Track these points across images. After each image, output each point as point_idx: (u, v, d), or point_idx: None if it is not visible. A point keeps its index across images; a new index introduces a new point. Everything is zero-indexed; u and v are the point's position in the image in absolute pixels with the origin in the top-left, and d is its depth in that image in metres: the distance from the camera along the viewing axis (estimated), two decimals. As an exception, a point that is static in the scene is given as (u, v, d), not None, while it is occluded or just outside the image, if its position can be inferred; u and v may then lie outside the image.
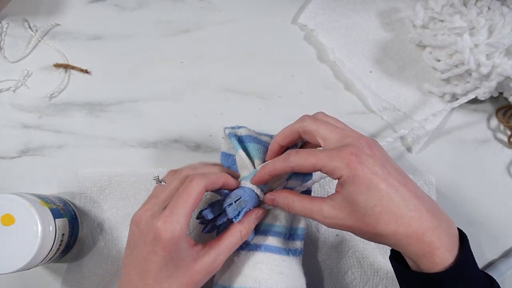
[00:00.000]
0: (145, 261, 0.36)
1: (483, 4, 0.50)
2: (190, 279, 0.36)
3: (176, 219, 0.35)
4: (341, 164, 0.35)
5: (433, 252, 0.35)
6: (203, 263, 0.37)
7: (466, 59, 0.47)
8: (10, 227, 0.41)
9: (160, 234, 0.35)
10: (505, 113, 0.53)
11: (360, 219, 0.35)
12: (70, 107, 0.52)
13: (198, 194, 0.37)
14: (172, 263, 0.36)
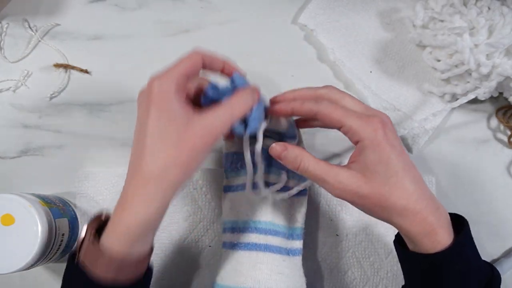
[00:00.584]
0: (141, 121, 0.35)
1: (483, 4, 0.50)
2: (182, 139, 0.34)
3: (167, 76, 0.35)
4: (368, 127, 0.36)
5: (435, 231, 0.36)
6: (197, 124, 0.34)
7: (466, 59, 0.47)
8: (10, 227, 0.42)
9: (151, 90, 0.34)
10: (505, 113, 0.53)
11: (376, 189, 0.36)
12: (70, 107, 0.52)
13: (194, 58, 0.36)
14: (163, 118, 0.34)
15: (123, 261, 0.34)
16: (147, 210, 0.34)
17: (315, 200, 0.51)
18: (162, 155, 0.34)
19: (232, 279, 0.42)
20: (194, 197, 0.51)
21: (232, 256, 0.44)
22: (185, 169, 0.34)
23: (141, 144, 0.34)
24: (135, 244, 0.35)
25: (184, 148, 0.34)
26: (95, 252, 0.34)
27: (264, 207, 0.43)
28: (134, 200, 0.34)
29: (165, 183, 0.34)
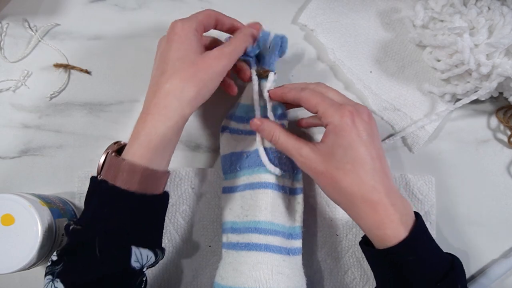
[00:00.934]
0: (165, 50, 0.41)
1: (483, 4, 0.50)
2: (199, 60, 0.40)
3: (188, 20, 0.42)
4: (336, 113, 0.39)
5: (385, 225, 0.38)
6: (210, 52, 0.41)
7: (466, 59, 0.47)
8: (10, 227, 0.42)
9: (174, 26, 0.41)
10: (505, 113, 0.53)
11: (330, 169, 0.39)
12: (70, 107, 0.52)
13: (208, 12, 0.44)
14: (183, 46, 0.40)
15: (143, 172, 0.38)
16: (167, 122, 0.38)
17: (315, 200, 0.51)
18: (180, 73, 0.39)
19: (232, 279, 0.42)
20: (193, 197, 0.51)
21: (232, 256, 0.44)
22: (201, 86, 0.40)
23: (162, 68, 0.40)
24: (155, 155, 0.38)
25: (200, 67, 0.40)
26: (117, 164, 0.38)
27: (263, 207, 0.43)
28: (155, 114, 0.38)
29: (183, 97, 0.39)
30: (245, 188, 0.45)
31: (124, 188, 0.37)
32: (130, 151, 0.38)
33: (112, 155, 0.39)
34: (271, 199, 0.44)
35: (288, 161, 0.47)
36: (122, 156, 0.38)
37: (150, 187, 0.39)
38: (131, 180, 0.37)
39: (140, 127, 0.39)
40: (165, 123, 0.38)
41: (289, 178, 0.46)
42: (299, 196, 0.46)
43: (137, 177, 0.37)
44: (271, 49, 0.47)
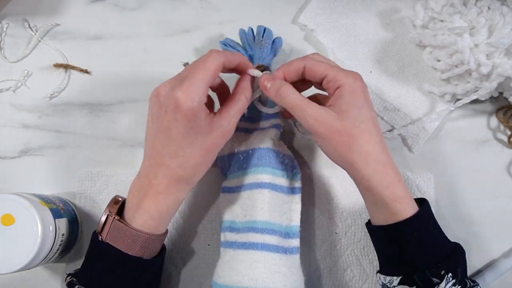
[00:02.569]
0: (167, 129, 0.38)
1: (483, 4, 0.50)
2: (210, 143, 0.39)
3: (194, 89, 0.37)
4: (349, 76, 0.40)
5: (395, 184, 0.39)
6: (219, 128, 0.39)
7: (466, 59, 0.47)
8: (10, 227, 0.42)
9: (181, 103, 0.36)
10: (505, 113, 0.53)
11: (347, 127, 0.39)
12: (70, 107, 0.52)
13: (216, 67, 0.38)
14: (192, 131, 0.38)
15: (147, 239, 0.40)
16: (176, 200, 0.40)
17: (313, 199, 0.51)
18: (193, 161, 0.39)
19: (229, 278, 0.42)
20: (192, 196, 0.51)
21: (230, 255, 0.44)
22: (209, 165, 0.41)
23: (171, 150, 0.39)
24: (159, 224, 0.41)
25: (209, 150, 0.40)
26: (124, 230, 0.39)
27: (260, 206, 0.44)
28: (167, 195, 0.40)
29: (194, 181, 0.41)
30: (243, 189, 0.45)
31: (127, 253, 0.39)
32: (139, 221, 0.40)
33: (116, 219, 0.40)
34: (268, 198, 0.44)
35: (288, 161, 0.47)
36: (127, 221, 0.40)
37: (151, 250, 0.41)
38: (135, 246, 0.39)
39: (151, 203, 0.40)
40: (175, 201, 0.41)
41: (287, 178, 0.46)
42: (297, 196, 0.46)
43: (140, 243, 0.40)
44: (263, 42, 0.48)
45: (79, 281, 0.40)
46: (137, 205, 0.40)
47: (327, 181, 0.51)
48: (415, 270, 0.38)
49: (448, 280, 0.37)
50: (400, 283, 0.39)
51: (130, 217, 0.40)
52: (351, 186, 0.51)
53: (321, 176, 0.51)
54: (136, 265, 0.40)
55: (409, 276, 0.38)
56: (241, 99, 0.41)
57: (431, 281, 0.37)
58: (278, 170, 0.46)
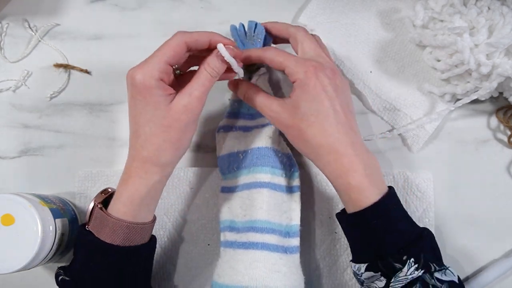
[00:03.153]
0: (130, 108, 0.39)
1: (483, 4, 0.50)
2: (170, 119, 0.38)
3: (148, 65, 0.38)
4: (300, 69, 0.41)
5: (348, 174, 0.39)
6: (179, 102, 0.39)
7: (466, 59, 0.47)
8: (10, 227, 0.42)
9: (134, 79, 0.38)
10: (505, 113, 0.53)
11: (296, 123, 0.41)
12: (70, 107, 0.52)
13: (176, 46, 0.39)
14: (149, 107, 0.38)
15: (128, 227, 0.39)
16: (149, 184, 0.39)
17: (313, 198, 0.51)
18: (154, 139, 0.39)
19: (229, 277, 0.42)
20: (192, 196, 0.51)
21: (229, 255, 0.44)
22: (177, 145, 0.40)
23: (135, 130, 0.39)
24: (139, 211, 0.40)
25: (172, 128, 0.39)
26: (103, 219, 0.39)
27: (260, 205, 0.44)
28: (136, 177, 0.39)
29: (162, 162, 0.40)
30: (242, 188, 0.45)
31: (109, 242, 0.39)
32: (115, 208, 0.40)
33: (98, 207, 0.40)
34: (267, 198, 0.44)
35: (286, 159, 0.47)
36: (108, 210, 0.40)
37: (135, 239, 0.40)
38: (116, 235, 0.39)
39: (122, 188, 0.40)
40: (147, 185, 0.39)
41: (286, 177, 0.46)
42: (296, 194, 0.47)
43: (121, 232, 0.39)
44: (255, 38, 0.48)
45: (65, 272, 0.40)
46: (116, 197, 0.40)
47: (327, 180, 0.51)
48: (379, 257, 0.39)
49: (410, 265, 0.38)
50: (366, 270, 0.40)
51: (111, 208, 0.40)
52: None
53: (320, 175, 0.51)
54: (116, 254, 0.39)
55: (374, 263, 0.39)
56: (203, 72, 0.40)
57: (393, 266, 0.38)
58: (277, 169, 0.46)
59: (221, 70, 0.41)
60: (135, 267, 0.41)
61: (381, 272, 0.39)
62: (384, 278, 0.39)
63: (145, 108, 0.38)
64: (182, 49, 0.39)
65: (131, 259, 0.40)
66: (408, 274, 0.38)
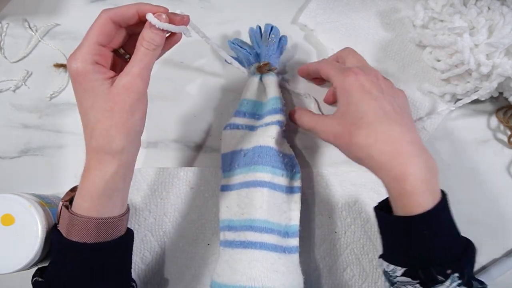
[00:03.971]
0: (75, 97, 0.38)
1: (483, 4, 0.50)
2: (112, 102, 0.36)
3: (79, 50, 0.36)
4: (340, 76, 0.41)
5: (404, 177, 0.37)
6: (118, 83, 0.37)
7: (466, 59, 0.47)
8: (10, 227, 0.42)
9: (69, 68, 0.36)
10: (505, 113, 0.53)
11: (346, 127, 0.40)
12: (70, 107, 0.52)
13: (101, 25, 0.37)
14: (88, 93, 0.36)
15: (95, 222, 0.37)
16: (105, 175, 0.37)
17: (313, 198, 0.51)
18: (100, 127, 0.37)
19: (228, 277, 0.42)
20: (192, 196, 0.51)
21: (228, 254, 0.44)
22: (126, 130, 0.37)
23: (82, 123, 0.38)
24: (101, 206, 0.38)
25: (114, 111, 0.36)
26: (68, 218, 0.38)
27: (259, 205, 0.44)
28: (92, 170, 0.38)
29: (114, 149, 0.37)
30: (241, 187, 0.45)
31: (78, 241, 0.37)
32: (77, 204, 0.38)
33: (63, 207, 0.38)
34: (267, 197, 0.44)
35: (288, 160, 0.47)
36: (72, 208, 0.38)
37: (107, 234, 0.38)
38: (85, 233, 0.37)
39: (81, 183, 0.38)
40: (103, 177, 0.37)
41: (287, 177, 0.46)
42: (297, 195, 0.47)
43: (89, 229, 0.37)
44: (270, 40, 0.48)
45: (41, 274, 0.39)
46: (77, 194, 0.38)
47: (327, 180, 0.51)
48: (421, 266, 0.37)
49: (454, 279, 0.36)
50: (403, 274, 0.38)
51: (74, 206, 0.38)
52: (351, 185, 0.51)
53: (320, 175, 0.51)
54: (88, 252, 0.38)
55: (414, 270, 0.37)
56: (139, 48, 0.37)
57: (435, 278, 0.36)
58: (278, 169, 0.46)
59: (159, 41, 0.38)
60: (111, 263, 0.39)
61: (420, 280, 0.37)
62: (420, 286, 0.37)
63: (84, 96, 0.36)
64: (109, 27, 0.37)
65: (105, 255, 0.39)
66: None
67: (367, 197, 0.51)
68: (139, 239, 0.50)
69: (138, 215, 0.50)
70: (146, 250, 0.50)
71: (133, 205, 0.50)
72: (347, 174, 0.51)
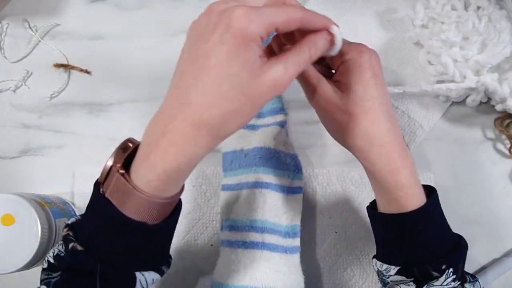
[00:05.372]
0: (206, 56, 0.30)
1: (484, 14, 0.50)
2: (254, 89, 0.30)
3: (259, 15, 0.30)
4: (355, 49, 0.37)
5: (399, 170, 0.36)
6: (271, 74, 0.30)
7: (450, 73, 0.48)
8: (10, 227, 0.42)
9: (235, 21, 0.29)
10: (502, 123, 0.53)
11: (350, 106, 0.36)
12: (70, 107, 0.52)
13: (293, 17, 0.31)
14: (237, 60, 0.29)
15: (155, 203, 0.32)
16: (192, 157, 0.31)
17: (313, 198, 0.51)
18: (225, 104, 0.30)
19: (229, 277, 0.42)
20: (193, 195, 0.51)
21: (230, 254, 0.44)
22: (242, 121, 0.31)
23: (200, 81, 0.30)
24: (172, 186, 0.33)
25: (250, 99, 0.30)
26: (126, 191, 0.32)
27: (260, 206, 0.44)
28: (180, 147, 0.31)
29: (219, 135, 0.31)
30: (243, 187, 0.45)
31: (131, 217, 0.32)
32: (143, 179, 0.31)
33: (119, 172, 0.32)
34: (268, 198, 0.44)
35: (290, 160, 0.47)
36: (132, 179, 0.32)
37: (160, 214, 0.34)
38: (140, 210, 0.32)
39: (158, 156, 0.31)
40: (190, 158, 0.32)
41: (288, 178, 0.46)
42: (298, 195, 0.47)
43: (147, 208, 0.32)
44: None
45: (76, 237, 0.34)
46: (144, 157, 0.32)
47: (328, 180, 0.51)
48: (415, 263, 0.37)
49: (449, 275, 0.36)
50: (397, 273, 0.38)
51: (134, 171, 0.32)
52: (352, 185, 0.51)
53: (321, 174, 0.51)
54: (138, 230, 0.33)
55: (408, 267, 0.37)
56: (304, 51, 0.33)
57: (431, 274, 0.36)
58: (279, 170, 0.46)
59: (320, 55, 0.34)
60: (159, 243, 0.36)
61: (414, 277, 0.37)
62: (413, 284, 0.37)
63: (232, 61, 0.29)
64: (295, 24, 0.32)
65: (157, 236, 0.35)
66: (444, 284, 0.36)
67: (368, 197, 0.51)
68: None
69: (138, 215, 0.50)
70: (146, 250, 0.50)
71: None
72: (348, 174, 0.51)
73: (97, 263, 0.33)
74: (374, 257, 0.41)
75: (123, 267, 0.34)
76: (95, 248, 0.33)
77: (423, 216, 0.37)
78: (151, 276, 0.36)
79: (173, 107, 0.31)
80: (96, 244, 0.34)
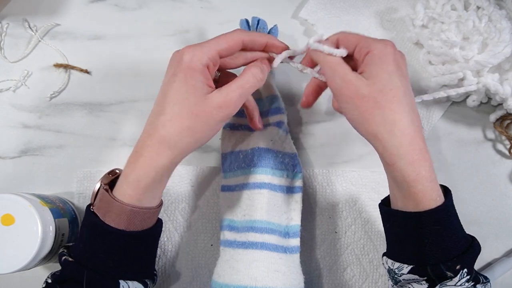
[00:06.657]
0: (167, 85, 0.38)
1: (484, 13, 0.50)
2: (201, 110, 0.37)
3: (200, 49, 0.38)
4: (380, 42, 0.38)
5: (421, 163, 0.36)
6: (215, 97, 0.37)
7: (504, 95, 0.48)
8: (10, 227, 0.42)
9: (183, 59, 0.37)
10: (501, 123, 0.53)
11: (374, 93, 0.36)
12: (70, 107, 0.52)
13: (233, 40, 0.39)
14: (186, 88, 0.37)
15: (132, 210, 0.38)
16: (157, 167, 0.38)
17: (313, 198, 0.51)
18: (178, 122, 0.37)
19: (229, 277, 0.42)
20: (193, 195, 0.51)
21: (229, 254, 0.44)
22: (198, 137, 0.38)
23: (161, 107, 0.38)
24: (144, 196, 0.38)
25: (200, 118, 0.37)
26: (108, 202, 0.38)
27: (260, 206, 0.44)
28: (146, 158, 0.38)
29: (177, 148, 0.38)
30: (242, 188, 0.45)
31: (113, 226, 0.38)
32: (120, 190, 0.38)
33: (104, 189, 0.39)
34: (267, 198, 0.44)
35: (288, 160, 0.47)
36: (114, 192, 0.39)
37: (140, 224, 0.39)
38: (120, 219, 0.38)
39: (131, 168, 0.38)
40: (156, 168, 0.38)
41: (287, 177, 0.46)
42: (298, 195, 0.46)
43: (125, 216, 0.38)
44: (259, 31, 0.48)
45: (69, 252, 0.40)
46: (123, 178, 0.39)
47: (327, 180, 0.51)
48: (430, 262, 0.37)
49: (463, 275, 0.36)
50: (410, 272, 0.37)
51: (116, 187, 0.39)
52: (352, 185, 0.51)
53: (321, 174, 0.51)
54: (122, 239, 0.38)
55: (421, 267, 0.37)
56: (247, 75, 0.39)
57: (445, 274, 0.36)
58: (278, 170, 0.46)
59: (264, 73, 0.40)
60: (141, 250, 0.40)
61: (427, 277, 0.37)
62: (426, 283, 0.37)
63: (181, 88, 0.37)
64: (237, 46, 0.39)
65: (136, 243, 0.39)
66: (458, 285, 0.36)
67: (368, 197, 0.51)
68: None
69: (138, 215, 0.50)
70: (146, 250, 0.50)
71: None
72: (348, 174, 0.51)
73: (84, 271, 0.38)
74: (384, 254, 0.41)
75: (108, 274, 0.38)
76: (83, 257, 0.39)
77: (441, 215, 0.37)
78: (134, 286, 0.40)
79: (147, 128, 0.39)
80: (84, 253, 0.39)
